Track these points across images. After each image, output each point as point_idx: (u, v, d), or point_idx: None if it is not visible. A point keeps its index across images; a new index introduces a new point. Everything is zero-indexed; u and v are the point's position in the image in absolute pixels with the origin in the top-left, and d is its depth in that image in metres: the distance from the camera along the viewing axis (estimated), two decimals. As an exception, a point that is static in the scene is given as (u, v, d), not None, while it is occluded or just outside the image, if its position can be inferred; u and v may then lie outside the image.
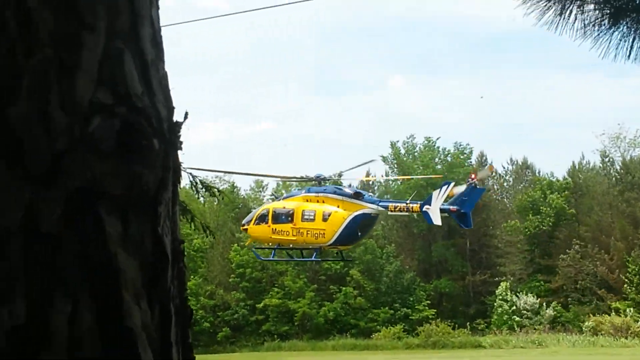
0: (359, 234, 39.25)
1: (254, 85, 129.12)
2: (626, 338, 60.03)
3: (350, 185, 52.16)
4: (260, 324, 73.91)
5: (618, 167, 79.49)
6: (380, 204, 39.19)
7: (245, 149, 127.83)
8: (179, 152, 1.69)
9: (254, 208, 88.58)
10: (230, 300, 74.96)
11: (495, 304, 70.99)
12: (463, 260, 79.22)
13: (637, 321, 63.36)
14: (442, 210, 36.97)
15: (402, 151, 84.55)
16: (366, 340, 67.63)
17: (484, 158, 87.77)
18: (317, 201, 39.72)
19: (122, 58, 1.53)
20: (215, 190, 11.67)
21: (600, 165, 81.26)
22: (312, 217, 39.17)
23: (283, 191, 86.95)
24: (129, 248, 1.52)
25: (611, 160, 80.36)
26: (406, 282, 75.15)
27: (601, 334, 61.86)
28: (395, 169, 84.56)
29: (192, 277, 74.23)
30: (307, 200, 40.06)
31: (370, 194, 41.91)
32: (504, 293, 70.67)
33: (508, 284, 72.74)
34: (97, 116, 1.48)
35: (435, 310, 71.98)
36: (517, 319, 68.27)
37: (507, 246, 76.97)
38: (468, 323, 70.17)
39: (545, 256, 75.95)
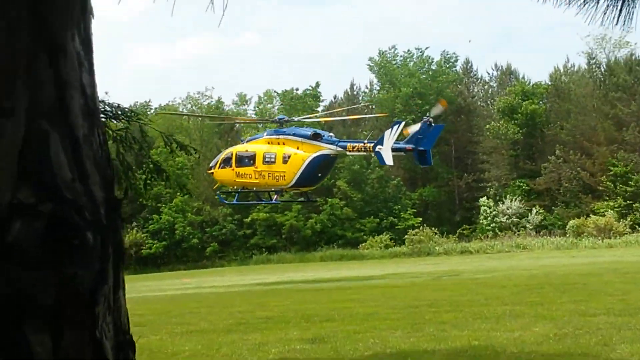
0: (319, 174, 39.24)
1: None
2: (609, 238, 60.77)
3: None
4: (248, 238, 74.46)
5: (603, 70, 79.13)
6: (339, 144, 39.04)
7: (229, 64, 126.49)
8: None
9: (238, 123, 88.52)
10: (217, 215, 75.25)
11: (480, 209, 71.56)
12: (448, 167, 79.54)
13: (620, 220, 64.11)
14: (398, 150, 36.89)
15: (388, 59, 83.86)
16: (353, 250, 68.32)
17: (469, 65, 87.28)
18: (278, 143, 39.55)
19: (47, 143, 1.34)
20: (192, 149, 11.51)
21: (586, 67, 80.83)
22: (272, 160, 39.13)
23: (269, 105, 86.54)
24: None
25: (597, 62, 79.95)
26: (391, 191, 75.54)
27: (585, 236, 62.63)
28: (381, 78, 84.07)
29: (178, 194, 74.34)
30: (269, 143, 39.89)
31: (331, 134, 41.39)
32: (488, 199, 71.26)
33: (493, 189, 73.29)
34: (18, 220, 1.29)
35: (421, 219, 72.57)
36: (502, 223, 68.98)
37: (491, 152, 77.17)
38: (454, 230, 70.88)
39: (528, 161, 76.32)
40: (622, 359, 10.29)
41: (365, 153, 39.07)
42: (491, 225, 69.11)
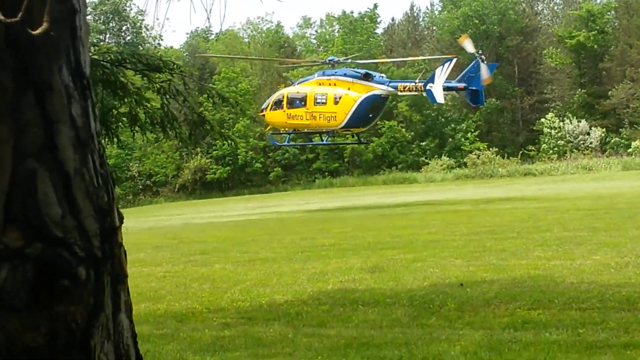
0: (370, 115, 38.88)
1: None
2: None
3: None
4: (310, 162, 74.77)
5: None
6: (390, 84, 38.54)
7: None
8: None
9: (300, 47, 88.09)
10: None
11: (544, 130, 70.32)
12: (512, 87, 78.07)
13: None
14: (449, 88, 36.35)
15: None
16: (415, 173, 68.19)
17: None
18: (329, 84, 39.17)
19: (34, 182, 1.32)
20: (233, 101, 11.51)
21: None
22: (324, 101, 38.79)
23: (330, 29, 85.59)
24: None
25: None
26: (452, 112, 74.73)
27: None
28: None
29: (240, 119, 74.83)
30: (320, 84, 39.52)
31: (382, 75, 40.76)
32: (552, 119, 69.82)
33: (557, 110, 71.87)
34: (5, 265, 1.30)
35: (484, 142, 71.80)
36: (567, 144, 67.74)
37: (554, 72, 75.42)
38: (517, 152, 69.97)
39: (595, 79, 74.40)
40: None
41: (417, 93, 38.51)
42: (555, 147, 67.97)
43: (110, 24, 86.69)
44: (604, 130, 68.04)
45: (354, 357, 7.61)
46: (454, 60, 36.97)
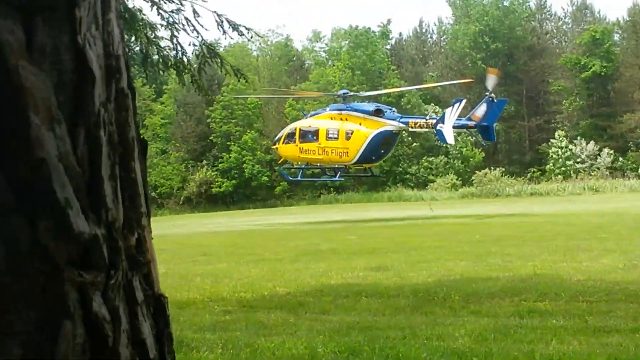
0: (382, 151, 38.82)
1: None
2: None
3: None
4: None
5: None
6: (401, 120, 38.47)
7: (298, 1, 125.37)
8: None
9: (309, 61, 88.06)
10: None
11: (550, 151, 70.12)
12: (519, 106, 77.89)
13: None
14: (460, 127, 36.32)
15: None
16: (421, 192, 67.96)
17: (543, 0, 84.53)
18: (341, 119, 39.11)
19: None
20: (243, 28, 10.71)
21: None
22: (335, 136, 38.73)
23: (342, 42, 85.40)
24: (36, 61, 1.25)
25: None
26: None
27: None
28: (457, 11, 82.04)
29: (247, 131, 74.80)
30: (332, 118, 39.47)
31: (393, 109, 40.69)
32: (561, 139, 69.61)
33: (564, 131, 71.65)
34: None
35: (490, 159, 71.62)
36: (574, 165, 67.52)
37: (564, 92, 75.24)
38: (524, 171, 69.77)
39: (603, 101, 74.24)
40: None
41: (427, 129, 38.32)
42: (563, 167, 67.74)
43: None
44: (612, 152, 67.76)
45: (357, 336, 7.47)
46: (464, 101, 36.87)
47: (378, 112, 38.53)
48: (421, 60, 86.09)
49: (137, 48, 10.09)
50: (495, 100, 35.88)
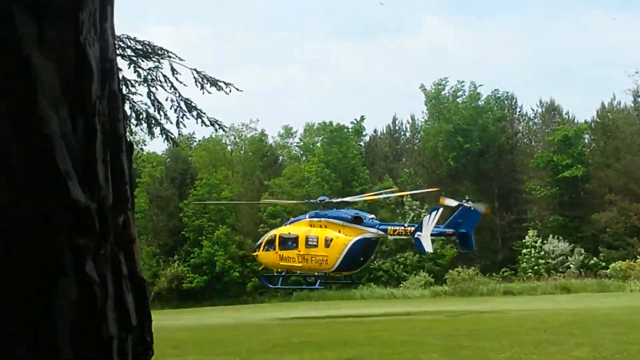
0: (361, 258, 39.08)
1: (279, 30, 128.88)
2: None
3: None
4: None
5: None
6: (379, 227, 38.80)
7: (271, 96, 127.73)
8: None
9: (282, 156, 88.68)
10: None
11: (522, 250, 70.56)
12: (491, 203, 78.48)
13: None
14: (438, 234, 36.79)
15: (440, 90, 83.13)
16: (394, 290, 67.67)
17: (514, 101, 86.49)
18: (320, 226, 39.47)
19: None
20: (222, 83, 10.82)
21: (632, 105, 79.62)
22: (315, 243, 38.99)
23: (315, 138, 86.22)
24: (45, 52, 1.47)
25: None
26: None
27: (632, 279, 61.23)
28: (431, 109, 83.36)
29: (220, 226, 74.57)
30: (311, 226, 39.82)
31: (372, 216, 41.06)
32: (534, 237, 70.16)
33: (536, 230, 72.28)
34: None
35: (462, 256, 71.71)
36: (545, 264, 67.90)
37: (535, 192, 76.22)
38: (496, 269, 69.92)
39: (574, 202, 75.23)
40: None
41: (406, 237, 38.53)
42: (536, 266, 68.10)
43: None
44: (582, 251, 68.34)
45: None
46: (441, 209, 37.12)
47: (357, 220, 38.62)
48: (395, 157, 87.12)
49: None
50: (472, 209, 36.33)
